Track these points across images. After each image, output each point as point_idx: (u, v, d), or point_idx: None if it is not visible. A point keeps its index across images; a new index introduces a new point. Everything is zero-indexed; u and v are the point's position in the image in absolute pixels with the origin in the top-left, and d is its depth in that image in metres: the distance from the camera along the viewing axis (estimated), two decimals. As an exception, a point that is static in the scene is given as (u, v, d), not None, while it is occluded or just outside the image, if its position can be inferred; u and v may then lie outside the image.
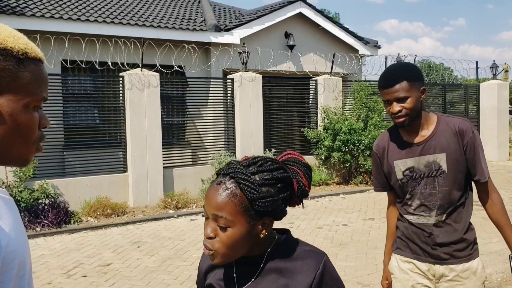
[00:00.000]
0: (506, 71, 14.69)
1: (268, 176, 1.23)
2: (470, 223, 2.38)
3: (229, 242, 1.21)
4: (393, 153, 2.39)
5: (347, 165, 10.79)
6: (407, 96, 2.20)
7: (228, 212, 1.20)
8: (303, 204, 1.36)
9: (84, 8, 10.20)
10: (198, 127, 10.10)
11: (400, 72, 2.24)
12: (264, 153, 9.63)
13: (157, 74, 9.01)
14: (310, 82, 11.49)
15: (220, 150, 9.85)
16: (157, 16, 11.12)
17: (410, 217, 2.40)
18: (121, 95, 8.82)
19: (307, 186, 1.31)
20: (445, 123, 2.31)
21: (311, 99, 11.53)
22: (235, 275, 1.32)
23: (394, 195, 2.53)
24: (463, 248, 2.33)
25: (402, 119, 2.24)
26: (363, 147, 10.42)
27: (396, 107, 2.22)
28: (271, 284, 1.27)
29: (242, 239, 1.22)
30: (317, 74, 11.71)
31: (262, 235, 1.26)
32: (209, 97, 10.11)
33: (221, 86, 10.17)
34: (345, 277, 5.11)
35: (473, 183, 2.38)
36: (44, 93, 1.03)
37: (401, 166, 2.36)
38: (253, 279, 1.29)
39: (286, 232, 1.36)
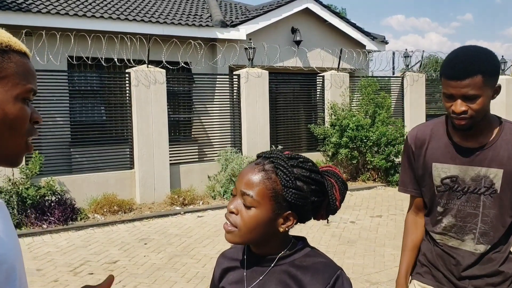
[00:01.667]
0: (515, 66, 14.51)
1: (306, 174, 1.24)
2: (511, 252, 1.92)
3: (250, 222, 1.21)
4: (434, 153, 1.92)
5: (354, 161, 10.72)
6: (478, 95, 1.70)
7: (257, 192, 1.21)
8: (328, 219, 1.34)
9: (90, 4, 10.17)
10: (204, 123, 10.07)
11: (476, 61, 1.69)
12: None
13: (163, 71, 8.98)
14: (317, 78, 11.41)
15: (226, 146, 9.82)
16: (163, 12, 11.07)
17: (436, 237, 1.99)
18: (127, 91, 8.80)
19: (338, 202, 1.30)
20: (510, 131, 1.83)
21: (318, 95, 11.46)
22: (245, 273, 1.31)
23: (421, 202, 2.06)
24: (499, 282, 1.88)
25: (464, 122, 1.75)
26: (371, 143, 10.35)
27: (462, 106, 1.72)
28: (277, 286, 1.25)
29: (263, 224, 1.22)
30: (324, 70, 11.62)
31: (281, 229, 1.24)
32: (215, 94, 10.07)
33: (227, 82, 10.12)
34: (353, 275, 5.07)
35: None
36: (32, 85, 1.02)
37: (441, 171, 1.91)
38: (260, 278, 1.27)
39: (302, 239, 1.34)
